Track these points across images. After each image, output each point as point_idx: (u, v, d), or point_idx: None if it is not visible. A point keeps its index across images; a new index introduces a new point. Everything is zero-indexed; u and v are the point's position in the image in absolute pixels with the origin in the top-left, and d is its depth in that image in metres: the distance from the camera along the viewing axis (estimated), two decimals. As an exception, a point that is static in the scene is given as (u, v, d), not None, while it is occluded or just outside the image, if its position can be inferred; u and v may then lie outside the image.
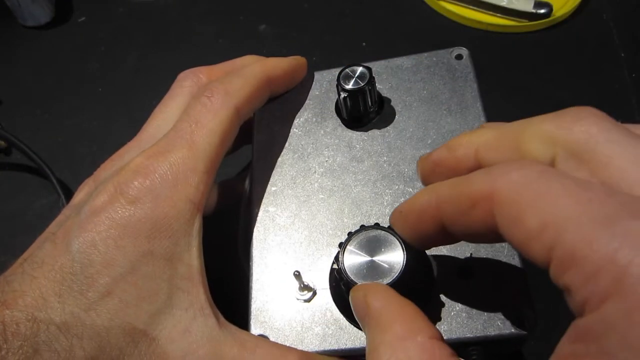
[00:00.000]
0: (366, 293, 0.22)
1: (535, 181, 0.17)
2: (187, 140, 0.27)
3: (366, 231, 0.24)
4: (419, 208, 0.22)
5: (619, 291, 0.14)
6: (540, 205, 0.16)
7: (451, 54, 0.33)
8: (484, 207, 0.18)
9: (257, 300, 0.28)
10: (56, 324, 0.23)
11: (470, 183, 0.19)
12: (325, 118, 0.33)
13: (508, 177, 0.18)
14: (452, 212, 0.20)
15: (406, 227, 0.23)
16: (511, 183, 0.18)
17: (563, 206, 0.16)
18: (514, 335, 0.24)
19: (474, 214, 0.19)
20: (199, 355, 0.24)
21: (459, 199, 0.19)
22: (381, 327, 0.20)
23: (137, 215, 0.25)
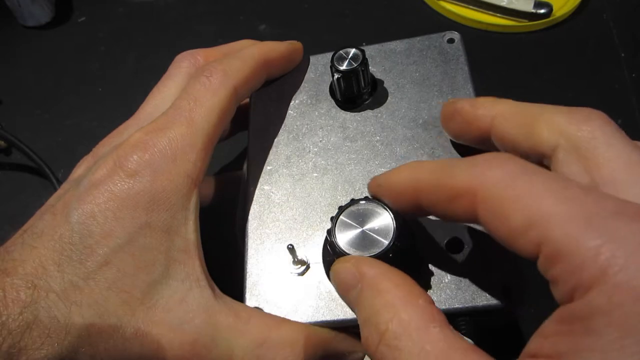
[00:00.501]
0: (357, 263, 0.22)
1: (519, 178, 0.18)
2: (186, 117, 0.28)
3: (356, 204, 0.25)
4: (398, 188, 0.23)
5: (603, 280, 0.15)
6: (524, 203, 0.18)
7: (443, 37, 0.33)
8: (466, 201, 0.20)
9: (252, 274, 0.28)
10: (55, 291, 0.23)
11: (452, 175, 0.20)
12: (319, 100, 0.33)
13: (492, 173, 0.19)
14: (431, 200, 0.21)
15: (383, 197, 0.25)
16: (495, 180, 0.19)
17: (546, 204, 0.17)
18: (501, 306, 0.25)
19: (454, 205, 0.20)
20: (194, 324, 0.25)
21: (440, 189, 0.21)
22: (381, 292, 0.21)
23: (136, 188, 0.25)
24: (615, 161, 0.20)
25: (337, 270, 0.23)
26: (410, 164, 0.23)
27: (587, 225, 0.16)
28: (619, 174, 0.19)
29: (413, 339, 0.19)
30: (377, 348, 0.20)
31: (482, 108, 0.24)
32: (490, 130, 0.24)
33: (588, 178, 0.20)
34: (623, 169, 0.19)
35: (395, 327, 0.19)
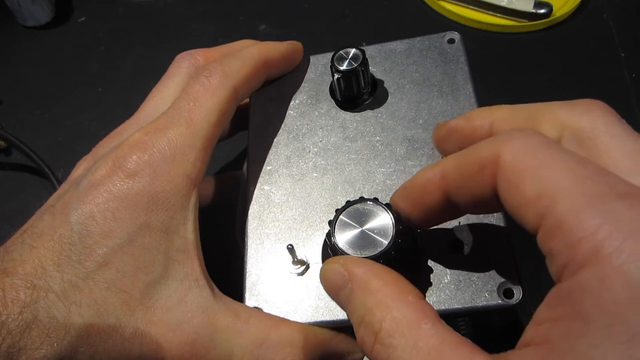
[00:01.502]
0: (345, 263, 0.22)
1: (538, 151, 0.18)
2: (186, 117, 0.28)
3: (356, 204, 0.25)
4: (424, 181, 0.23)
5: (595, 260, 0.15)
6: (539, 174, 0.18)
7: (443, 38, 0.33)
8: (490, 171, 0.20)
9: (252, 274, 0.29)
10: (55, 291, 0.23)
11: (477, 149, 0.20)
12: (319, 100, 0.33)
13: (512, 144, 0.19)
14: (458, 179, 0.21)
15: (410, 201, 0.24)
16: (514, 149, 0.19)
17: (560, 179, 0.17)
18: (500, 306, 0.25)
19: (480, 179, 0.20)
20: (193, 324, 0.25)
21: (466, 165, 0.21)
22: (371, 290, 0.21)
23: (135, 189, 0.25)
24: (617, 150, 0.20)
25: (325, 271, 0.23)
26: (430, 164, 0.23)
27: (592, 204, 0.16)
28: (621, 163, 0.19)
29: (406, 337, 0.19)
30: (373, 347, 0.20)
31: (478, 119, 0.24)
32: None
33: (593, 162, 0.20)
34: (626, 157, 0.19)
35: (388, 325, 0.19)
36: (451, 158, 0.22)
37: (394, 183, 0.29)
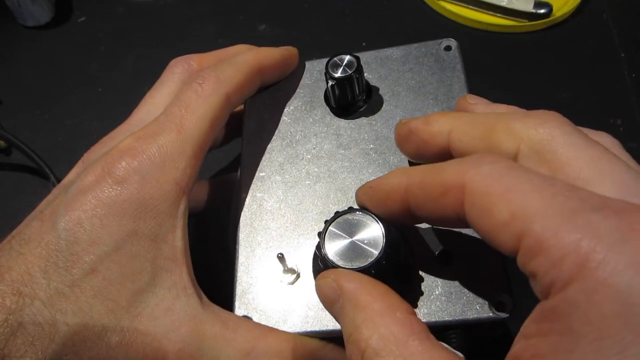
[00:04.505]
0: (337, 277, 0.22)
1: (506, 175, 0.18)
2: (177, 124, 0.27)
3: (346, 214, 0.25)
4: (389, 188, 0.23)
5: (581, 275, 0.15)
6: (509, 198, 0.18)
7: (440, 45, 0.33)
8: (454, 196, 0.20)
9: (242, 282, 0.28)
10: (41, 299, 0.23)
11: (442, 171, 0.20)
12: (314, 106, 0.33)
13: (480, 170, 0.19)
14: (421, 197, 0.21)
15: (373, 202, 0.24)
16: (483, 175, 0.19)
17: (531, 199, 0.17)
18: (492, 318, 0.24)
19: (443, 202, 0.20)
20: (180, 333, 0.25)
21: (430, 185, 0.21)
22: (360, 307, 0.21)
23: (124, 196, 0.25)
24: (578, 159, 0.20)
25: (319, 285, 0.23)
26: (401, 168, 0.23)
27: (568, 219, 0.16)
28: (584, 172, 0.19)
29: (394, 354, 0.19)
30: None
31: (436, 124, 0.24)
32: (449, 145, 0.24)
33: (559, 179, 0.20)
34: (588, 166, 0.19)
35: (375, 343, 0.19)
36: (417, 173, 0.22)
37: None
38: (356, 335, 0.20)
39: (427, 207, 0.21)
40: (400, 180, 0.22)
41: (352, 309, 0.21)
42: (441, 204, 0.20)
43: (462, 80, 0.31)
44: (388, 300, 0.21)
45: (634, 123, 0.42)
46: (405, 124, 0.25)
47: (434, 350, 0.18)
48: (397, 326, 0.19)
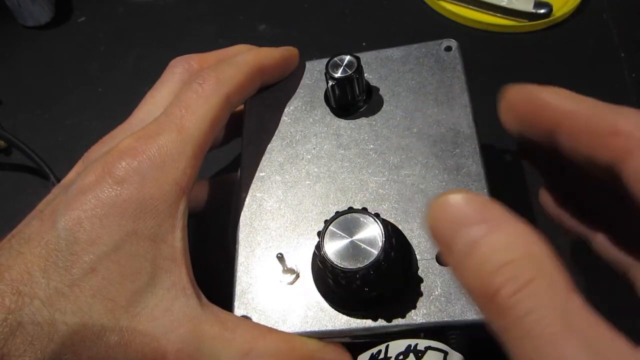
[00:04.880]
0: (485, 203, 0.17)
1: None
2: (177, 124, 0.27)
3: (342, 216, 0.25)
4: (549, 101, 0.20)
5: None
6: None
7: (440, 45, 0.33)
8: (622, 144, 0.18)
9: (242, 282, 0.28)
10: (40, 298, 0.23)
11: (619, 115, 0.19)
12: (314, 106, 0.33)
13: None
14: (581, 127, 0.19)
15: (523, 105, 0.21)
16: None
17: None
18: None
19: (605, 143, 0.18)
20: (179, 334, 0.25)
21: (601, 120, 0.19)
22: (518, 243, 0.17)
23: (123, 195, 0.25)
24: None
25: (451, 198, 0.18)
26: (551, 88, 0.21)
27: None
28: None
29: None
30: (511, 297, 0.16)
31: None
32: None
33: None
34: None
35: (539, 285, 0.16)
36: (587, 102, 0.20)
37: (386, 192, 0.29)
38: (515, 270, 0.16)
39: (581, 141, 0.19)
40: (562, 104, 0.20)
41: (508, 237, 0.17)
42: (601, 145, 0.18)
43: (463, 81, 0.31)
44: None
45: (634, 123, 0.42)
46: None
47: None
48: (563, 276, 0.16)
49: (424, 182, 0.29)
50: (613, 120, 0.19)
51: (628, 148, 0.18)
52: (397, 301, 0.26)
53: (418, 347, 0.24)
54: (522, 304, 0.16)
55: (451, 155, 0.29)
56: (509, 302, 0.16)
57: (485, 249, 0.17)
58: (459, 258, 0.17)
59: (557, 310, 0.15)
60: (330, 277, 0.25)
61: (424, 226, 0.27)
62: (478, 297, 0.17)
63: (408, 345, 0.25)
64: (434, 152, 0.30)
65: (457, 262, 0.18)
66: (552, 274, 0.16)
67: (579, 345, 0.14)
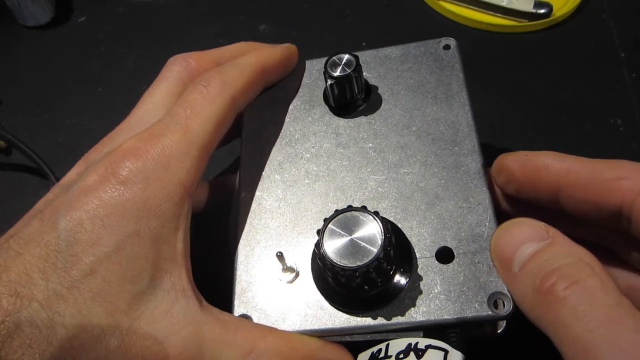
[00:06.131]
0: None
1: None
2: (182, 125, 0.27)
3: (342, 214, 0.25)
4: (547, 163, 0.24)
5: None
6: None
7: (439, 44, 0.33)
8: (626, 189, 0.20)
9: (242, 281, 0.28)
10: (39, 300, 0.23)
11: (617, 164, 0.22)
12: (313, 105, 0.33)
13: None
14: (581, 188, 0.22)
15: (523, 170, 0.25)
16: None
17: None
18: (490, 317, 0.24)
19: (610, 191, 0.21)
20: (180, 336, 0.24)
21: (600, 172, 0.22)
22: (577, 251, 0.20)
23: (127, 196, 0.25)
24: None
25: (521, 222, 0.22)
26: (554, 153, 0.24)
27: None
28: None
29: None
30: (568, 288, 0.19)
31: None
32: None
33: None
34: None
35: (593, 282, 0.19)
36: (583, 166, 0.23)
37: (385, 190, 0.29)
38: (575, 268, 0.19)
39: (588, 191, 0.22)
40: (562, 164, 0.23)
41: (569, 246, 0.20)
42: (608, 191, 0.21)
43: (461, 79, 0.32)
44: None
45: (634, 123, 0.42)
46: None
47: None
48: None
49: (423, 180, 0.29)
50: (614, 168, 0.22)
51: (635, 189, 0.20)
52: (397, 299, 0.26)
53: (418, 346, 0.24)
54: (576, 295, 0.18)
55: (450, 154, 0.29)
56: (564, 293, 0.18)
57: (545, 255, 0.20)
58: (520, 265, 0.21)
59: (608, 303, 0.18)
60: (330, 275, 0.25)
61: (423, 224, 0.27)
62: (533, 295, 0.20)
63: (408, 344, 0.25)
64: (433, 150, 0.30)
65: (517, 270, 0.21)
66: (604, 277, 0.19)
67: (632, 331, 0.17)
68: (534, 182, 0.25)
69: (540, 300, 0.19)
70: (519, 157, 0.26)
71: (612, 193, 0.22)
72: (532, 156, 0.25)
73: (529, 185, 0.25)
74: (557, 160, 0.24)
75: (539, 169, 0.25)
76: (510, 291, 0.22)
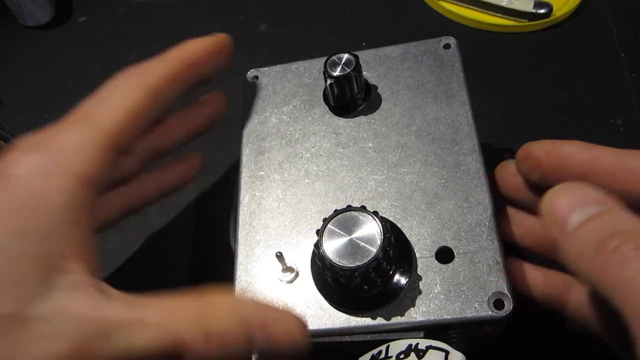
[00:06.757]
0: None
1: None
2: (83, 116, 0.26)
3: (341, 214, 0.25)
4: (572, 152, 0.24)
5: None
6: None
7: (439, 43, 0.33)
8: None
9: (241, 281, 0.28)
10: None
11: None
12: (313, 105, 0.33)
13: None
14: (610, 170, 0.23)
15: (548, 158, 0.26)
16: None
17: None
18: (491, 317, 0.24)
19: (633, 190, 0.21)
20: (79, 331, 0.22)
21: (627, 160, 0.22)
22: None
23: (16, 192, 0.23)
24: None
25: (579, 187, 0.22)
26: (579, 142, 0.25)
27: None
28: None
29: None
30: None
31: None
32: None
33: None
34: None
35: None
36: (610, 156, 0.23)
37: (385, 190, 0.29)
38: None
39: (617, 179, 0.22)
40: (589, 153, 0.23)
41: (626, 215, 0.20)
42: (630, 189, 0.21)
43: (461, 78, 0.32)
44: None
45: (634, 123, 0.42)
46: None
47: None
48: None
49: (422, 179, 0.29)
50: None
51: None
52: (396, 299, 0.26)
53: (419, 347, 0.24)
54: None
55: (450, 153, 0.29)
56: (631, 253, 0.18)
57: (608, 218, 0.20)
58: (578, 224, 0.21)
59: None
60: (330, 275, 0.25)
61: (423, 224, 0.27)
62: (594, 253, 0.19)
63: (409, 345, 0.25)
64: (433, 149, 0.30)
65: (574, 227, 0.21)
66: None
67: None
68: (559, 169, 0.25)
69: (602, 259, 0.19)
70: (546, 144, 0.26)
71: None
72: (558, 144, 0.26)
73: (554, 173, 0.26)
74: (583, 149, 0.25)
75: (565, 157, 0.25)
76: (561, 249, 0.21)
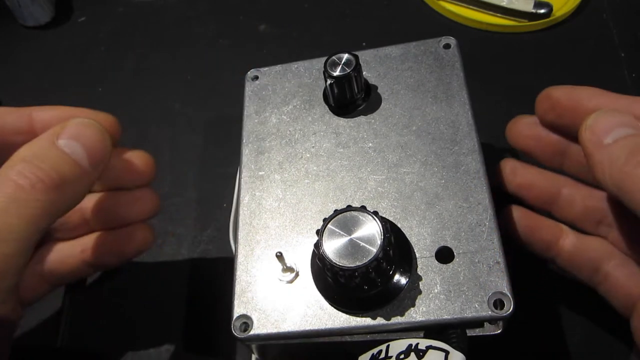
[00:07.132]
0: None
1: None
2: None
3: (341, 214, 0.25)
4: (587, 94, 0.27)
5: None
6: None
7: (439, 43, 0.33)
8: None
9: (241, 281, 0.28)
10: None
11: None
12: (313, 105, 0.33)
13: None
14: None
15: (563, 99, 0.28)
16: None
17: None
18: (491, 317, 0.24)
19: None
20: None
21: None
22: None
23: None
24: None
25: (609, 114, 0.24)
26: (589, 87, 0.27)
27: None
28: None
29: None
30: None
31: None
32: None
33: None
34: None
35: None
36: (618, 97, 0.25)
37: (385, 190, 0.29)
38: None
39: None
40: (601, 98, 0.25)
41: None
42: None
43: (461, 78, 0.32)
44: None
45: (634, 123, 0.42)
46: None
47: None
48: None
49: (422, 179, 0.29)
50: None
51: None
52: (397, 299, 0.26)
53: (419, 347, 0.24)
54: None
55: (450, 153, 0.29)
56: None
57: (639, 139, 0.22)
58: (614, 138, 0.23)
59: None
60: (330, 275, 0.25)
61: (423, 224, 0.27)
62: (625, 161, 0.22)
63: (409, 345, 0.25)
64: (433, 149, 0.30)
65: (611, 141, 0.23)
66: None
67: None
68: (575, 109, 0.27)
69: (629, 169, 0.21)
70: (565, 88, 0.28)
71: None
72: (577, 88, 0.27)
73: (570, 112, 0.27)
74: (598, 93, 0.26)
75: (582, 98, 0.27)
76: (594, 160, 0.23)
